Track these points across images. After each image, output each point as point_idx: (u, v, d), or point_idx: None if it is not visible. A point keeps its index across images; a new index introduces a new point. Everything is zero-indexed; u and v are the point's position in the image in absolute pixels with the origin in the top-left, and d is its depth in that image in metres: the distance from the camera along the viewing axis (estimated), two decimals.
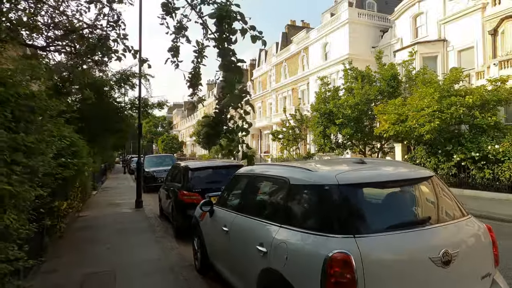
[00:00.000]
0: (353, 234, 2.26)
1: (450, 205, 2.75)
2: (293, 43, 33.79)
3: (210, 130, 2.76)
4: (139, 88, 10.65)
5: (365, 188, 2.61)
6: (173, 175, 8.75)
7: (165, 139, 69.76)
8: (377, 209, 2.59)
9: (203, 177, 7.36)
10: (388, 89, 17.86)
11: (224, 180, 7.28)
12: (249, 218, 3.42)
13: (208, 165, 7.79)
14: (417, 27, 22.90)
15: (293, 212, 2.88)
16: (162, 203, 9.69)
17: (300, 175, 2.99)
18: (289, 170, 3.26)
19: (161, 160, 19.17)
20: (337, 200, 2.48)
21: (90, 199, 13.29)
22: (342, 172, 2.71)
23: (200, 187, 7.12)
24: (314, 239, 2.41)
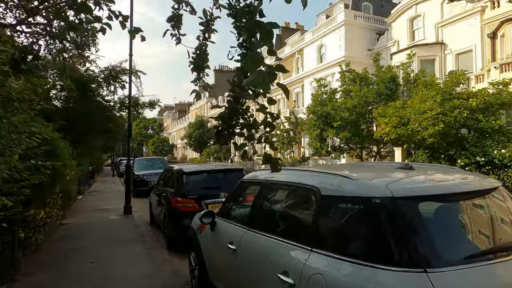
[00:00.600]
0: (424, 268, 1.64)
1: None
2: (287, 45, 33.37)
3: (222, 123, 2.09)
4: (129, 85, 9.93)
5: (426, 203, 1.98)
6: (166, 179, 8.04)
7: (156, 141, 68.67)
8: (447, 231, 1.94)
9: (199, 182, 6.68)
10: (386, 92, 17.47)
11: (223, 185, 6.65)
12: (264, 236, 2.77)
13: (204, 168, 7.12)
14: (413, 30, 22.65)
15: (327, 232, 2.24)
16: (153, 210, 8.96)
17: (334, 183, 2.35)
18: (319, 176, 2.61)
19: (151, 163, 18.35)
20: (394, 218, 1.85)
21: (75, 204, 12.44)
22: (395, 181, 2.08)
23: (196, 193, 6.45)
24: (368, 272, 1.77)
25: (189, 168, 6.98)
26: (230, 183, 6.77)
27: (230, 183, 6.76)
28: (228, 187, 6.64)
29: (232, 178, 6.90)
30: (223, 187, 6.65)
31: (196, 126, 46.45)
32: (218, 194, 6.50)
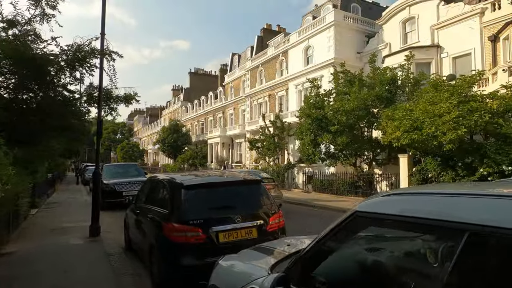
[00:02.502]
0: None
1: None
2: (271, 47, 31.83)
3: None
4: (100, 70, 7.70)
5: None
6: (150, 194, 5.91)
7: (125, 146, 64.85)
8: None
9: (205, 200, 4.66)
10: (386, 94, 16.18)
11: (238, 204, 4.69)
12: None
13: (211, 180, 5.07)
14: (406, 32, 21.75)
15: None
16: (131, 233, 6.78)
17: None
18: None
19: (123, 170, 15.89)
20: None
21: (26, 222, 9.89)
22: None
23: (201, 217, 4.43)
24: None
25: (188, 180, 4.91)
26: (248, 201, 4.83)
27: (247, 200, 4.83)
28: (245, 206, 4.71)
29: (249, 193, 4.97)
30: (238, 207, 4.69)
31: (170, 131, 43.69)
32: (232, 217, 4.53)
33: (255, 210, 4.78)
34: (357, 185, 17.16)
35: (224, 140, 38.55)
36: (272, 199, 5.09)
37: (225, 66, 48.54)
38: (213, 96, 45.13)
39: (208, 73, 60.27)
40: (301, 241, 3.09)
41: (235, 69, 40.39)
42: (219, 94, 43.50)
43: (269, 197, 5.06)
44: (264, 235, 4.68)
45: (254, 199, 4.94)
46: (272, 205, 4.98)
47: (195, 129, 49.99)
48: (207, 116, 46.03)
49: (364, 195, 16.59)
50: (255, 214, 4.72)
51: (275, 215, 4.87)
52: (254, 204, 4.88)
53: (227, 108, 40.61)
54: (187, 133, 45.97)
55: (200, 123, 48.76)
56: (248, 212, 4.67)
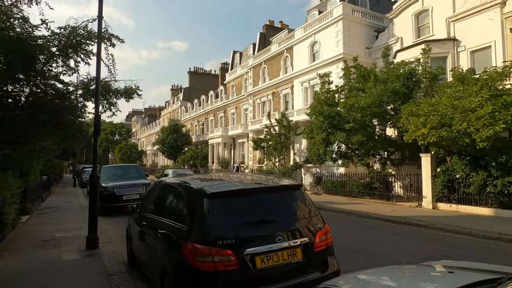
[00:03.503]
0: None
1: None
2: (274, 43, 30.78)
3: None
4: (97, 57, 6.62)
5: None
6: (160, 202, 4.83)
7: (123, 147, 63.76)
8: None
9: (234, 212, 3.58)
10: (403, 90, 15.16)
11: (276, 217, 3.61)
12: None
13: (241, 186, 3.93)
14: (419, 26, 20.75)
15: None
16: (135, 247, 5.72)
17: None
18: None
19: (123, 172, 14.77)
20: None
21: (15, 232, 8.78)
22: None
23: (231, 235, 3.36)
24: None
25: (212, 186, 3.82)
26: (288, 213, 3.77)
27: (287, 212, 3.77)
28: (286, 219, 3.66)
29: (289, 202, 3.90)
30: (277, 221, 3.63)
31: (170, 131, 42.54)
32: (271, 235, 3.46)
33: (298, 224, 3.72)
34: (372, 186, 16.12)
35: (226, 140, 37.47)
36: (315, 209, 4.03)
37: (225, 64, 47.46)
38: (213, 95, 44.04)
39: (208, 72, 59.15)
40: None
41: (236, 67, 39.31)
42: (220, 93, 42.40)
43: (312, 207, 4.00)
44: (311, 256, 3.64)
45: (296, 210, 3.89)
46: (317, 217, 3.92)
47: (195, 129, 48.88)
48: (208, 115, 44.93)
49: (380, 197, 15.57)
50: (298, 230, 3.66)
51: (322, 230, 3.81)
52: (296, 216, 3.82)
53: (229, 107, 39.53)
54: (187, 134, 44.83)
55: (201, 123, 47.65)
56: (290, 227, 3.61)
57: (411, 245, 7.32)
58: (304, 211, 3.90)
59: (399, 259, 6.07)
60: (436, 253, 6.53)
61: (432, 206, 12.70)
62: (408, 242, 7.67)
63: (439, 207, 12.53)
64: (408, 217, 10.51)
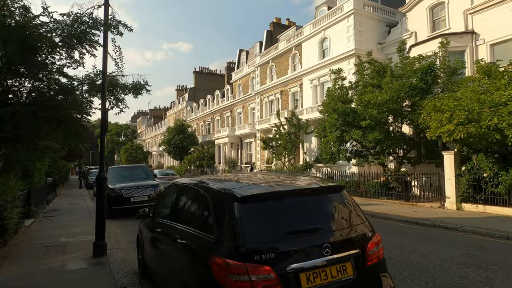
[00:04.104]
0: None
1: None
2: (282, 40, 30.14)
3: None
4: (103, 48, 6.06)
5: None
6: (177, 206, 4.24)
7: (129, 149, 63.45)
8: None
9: (272, 220, 2.97)
10: (421, 85, 14.47)
11: (323, 225, 2.98)
12: None
13: (278, 188, 3.25)
14: (434, 19, 20.01)
15: None
16: (147, 255, 5.15)
17: None
18: None
19: (130, 173, 14.24)
20: None
21: (17, 237, 8.25)
22: None
23: (270, 248, 2.75)
24: None
25: (243, 188, 3.21)
26: (334, 219, 3.15)
27: (333, 218, 3.14)
28: (332, 227, 3.03)
29: (334, 206, 3.29)
30: (323, 229, 3.02)
31: (176, 131, 42.05)
32: (317, 246, 2.85)
33: (347, 232, 3.10)
34: (389, 186, 15.43)
35: (233, 140, 36.90)
36: (363, 214, 3.41)
37: (231, 64, 46.94)
38: (220, 94, 43.51)
39: (213, 72, 58.66)
40: None
41: (243, 66, 38.73)
42: (226, 92, 41.85)
43: (359, 211, 3.39)
44: (363, 272, 3.02)
45: (343, 215, 3.27)
46: (365, 223, 3.30)
47: (201, 130, 48.39)
48: (214, 115, 44.41)
49: (398, 197, 14.87)
50: (348, 240, 3.04)
51: (373, 240, 3.19)
52: (343, 223, 3.20)
53: (235, 107, 38.96)
54: (193, 134, 44.33)
55: (207, 123, 47.15)
56: (338, 236, 2.99)
57: (451, 252, 6.65)
58: (351, 216, 3.28)
59: (455, 273, 5.38)
60: (489, 262, 5.87)
61: (456, 207, 11.99)
62: (446, 248, 6.99)
63: (464, 208, 11.82)
64: (434, 219, 9.84)
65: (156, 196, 12.35)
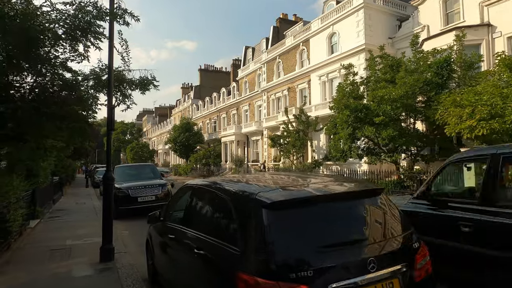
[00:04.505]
0: None
1: None
2: (289, 36, 29.64)
3: None
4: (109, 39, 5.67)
5: None
6: (192, 211, 3.84)
7: (135, 147, 63.40)
8: None
9: (308, 230, 2.54)
10: (436, 79, 13.92)
11: (366, 236, 2.54)
12: None
13: (313, 192, 2.78)
14: (448, 12, 19.41)
15: None
16: (158, 261, 4.79)
17: None
18: None
19: (137, 172, 13.91)
20: None
21: (21, 240, 7.94)
22: None
23: (307, 264, 2.34)
24: None
25: (270, 191, 2.80)
26: (378, 228, 2.72)
27: (377, 227, 2.71)
28: (376, 238, 2.59)
29: (374, 213, 2.85)
30: (368, 241, 2.59)
31: (182, 129, 41.76)
32: (363, 261, 2.43)
33: (392, 243, 2.67)
34: (404, 185, 14.92)
35: (239, 138, 36.52)
36: (406, 220, 2.98)
37: (237, 61, 46.51)
38: (225, 92, 43.12)
39: (219, 69, 58.27)
40: None
41: (249, 63, 38.28)
42: (233, 90, 41.45)
43: (402, 217, 2.96)
44: None
45: (386, 223, 2.83)
46: (410, 232, 2.87)
47: (207, 128, 48.09)
48: (220, 113, 44.05)
49: None
50: (394, 252, 2.62)
51: (420, 252, 2.76)
52: (388, 233, 2.77)
53: (242, 104, 38.56)
54: (199, 132, 44.01)
55: (212, 121, 46.82)
56: (383, 248, 2.57)
57: None
58: (394, 223, 2.86)
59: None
60: None
61: None
62: None
63: None
64: None
65: (164, 195, 12.01)
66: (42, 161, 9.27)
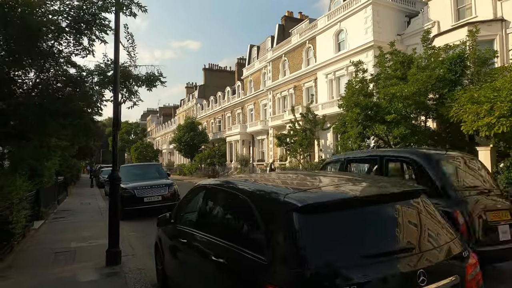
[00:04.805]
0: None
1: None
2: (295, 34, 29.27)
3: None
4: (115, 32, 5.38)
5: None
6: (208, 214, 3.53)
7: (139, 147, 63.23)
8: None
9: (348, 238, 2.21)
10: (449, 76, 13.51)
11: (416, 243, 2.20)
12: None
13: (348, 194, 2.47)
14: (459, 7, 18.96)
15: None
16: (168, 264, 4.50)
17: None
18: None
19: (143, 171, 13.64)
20: None
21: (25, 242, 7.68)
22: None
23: (349, 278, 2.00)
24: None
25: (299, 192, 2.47)
26: (425, 235, 2.37)
27: (423, 233, 2.37)
28: (426, 247, 2.24)
29: (420, 218, 2.51)
30: (417, 250, 2.25)
31: (186, 129, 41.53)
32: (412, 273, 2.10)
33: (441, 252, 2.34)
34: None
35: (244, 137, 36.21)
36: (452, 227, 2.64)
37: (241, 60, 46.21)
38: (230, 91, 42.83)
39: (223, 68, 57.98)
40: None
41: (254, 62, 37.95)
42: (237, 89, 41.15)
43: (446, 221, 2.62)
44: None
45: (430, 228, 2.50)
46: (457, 239, 2.53)
47: (211, 127, 47.83)
48: (225, 112, 43.77)
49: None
50: (444, 263, 2.28)
51: (471, 261, 2.43)
52: (434, 240, 2.44)
53: (247, 104, 38.24)
54: (204, 131, 43.77)
55: (217, 121, 46.55)
56: (432, 258, 2.23)
57: None
58: (439, 229, 2.52)
59: None
60: None
61: None
62: None
63: None
64: None
65: (170, 196, 11.74)
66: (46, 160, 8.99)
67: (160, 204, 11.50)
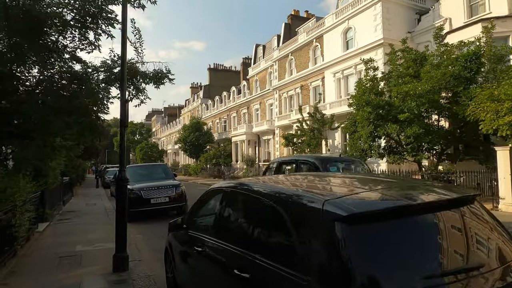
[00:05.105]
0: None
1: None
2: (302, 33, 28.87)
3: None
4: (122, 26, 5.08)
5: None
6: (227, 221, 3.19)
7: (144, 147, 63.15)
8: None
9: (406, 253, 1.86)
10: (464, 73, 13.08)
11: (483, 258, 1.80)
12: None
13: (402, 200, 2.04)
14: (471, 4, 18.48)
15: None
16: (179, 272, 4.18)
17: None
18: None
19: (149, 172, 13.35)
20: None
21: (29, 246, 7.40)
22: None
23: None
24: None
25: (341, 198, 2.13)
26: (486, 247, 1.99)
27: (483, 246, 1.97)
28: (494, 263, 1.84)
29: (475, 227, 2.13)
30: (484, 268, 1.88)
31: (191, 129, 41.29)
32: None
33: (505, 267, 1.98)
34: None
35: (250, 137, 35.87)
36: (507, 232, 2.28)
37: (247, 59, 45.90)
38: (236, 91, 42.53)
39: (228, 68, 57.71)
40: None
41: (260, 61, 37.61)
42: (243, 88, 40.83)
43: (505, 229, 2.26)
44: None
45: (493, 240, 2.14)
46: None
47: (217, 127, 47.57)
48: (230, 112, 43.48)
49: None
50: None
51: None
52: (503, 255, 2.07)
53: (252, 103, 37.91)
54: (209, 131, 43.51)
55: (222, 121, 46.28)
56: (505, 277, 1.87)
57: None
58: (502, 240, 2.16)
59: None
60: None
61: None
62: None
63: None
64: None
65: (177, 197, 11.43)
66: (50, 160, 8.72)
67: (167, 205, 11.21)
